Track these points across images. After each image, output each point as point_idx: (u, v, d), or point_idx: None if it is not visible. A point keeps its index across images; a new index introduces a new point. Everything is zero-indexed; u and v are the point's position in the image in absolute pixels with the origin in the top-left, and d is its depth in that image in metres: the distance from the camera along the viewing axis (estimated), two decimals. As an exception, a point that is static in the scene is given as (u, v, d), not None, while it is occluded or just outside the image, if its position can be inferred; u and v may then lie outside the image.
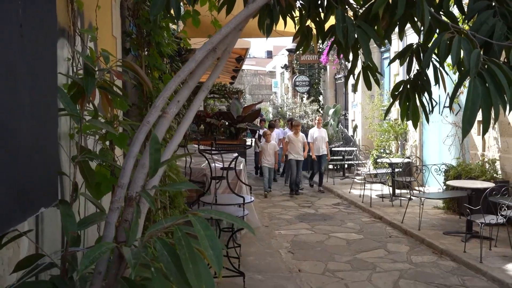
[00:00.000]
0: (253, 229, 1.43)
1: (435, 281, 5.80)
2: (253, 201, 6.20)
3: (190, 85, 1.68)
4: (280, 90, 27.80)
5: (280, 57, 27.58)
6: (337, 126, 15.40)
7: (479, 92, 1.57)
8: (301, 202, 10.68)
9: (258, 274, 5.86)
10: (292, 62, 20.74)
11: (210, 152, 6.00)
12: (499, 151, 8.37)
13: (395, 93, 3.03)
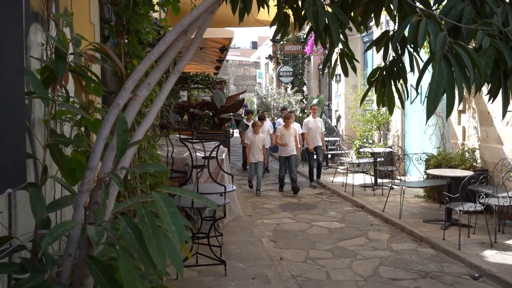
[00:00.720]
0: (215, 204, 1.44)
1: (414, 268, 5.88)
2: (234, 190, 6.22)
3: (161, 67, 1.68)
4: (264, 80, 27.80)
5: (265, 48, 27.54)
6: (321, 116, 15.44)
7: (444, 74, 1.59)
8: (284, 192, 10.72)
9: (240, 262, 5.89)
10: (276, 52, 20.71)
11: (191, 140, 5.98)
12: (478, 140, 8.49)
13: (371, 79, 3.06)
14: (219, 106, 13.28)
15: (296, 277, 5.61)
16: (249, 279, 5.34)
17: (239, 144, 23.03)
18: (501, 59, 1.70)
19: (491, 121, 8.13)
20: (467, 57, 1.58)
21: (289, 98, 16.49)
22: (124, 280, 1.11)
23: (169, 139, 7.34)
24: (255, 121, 10.85)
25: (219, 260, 5.56)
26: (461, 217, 6.54)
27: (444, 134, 9.51)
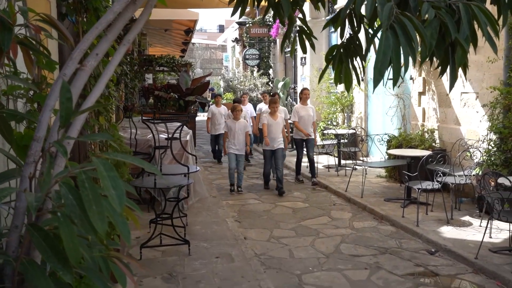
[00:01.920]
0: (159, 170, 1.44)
1: (374, 245, 6.04)
2: (198, 170, 6.21)
3: (109, 38, 1.66)
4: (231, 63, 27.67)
5: (231, 31, 27.36)
6: (286, 99, 15.52)
7: (390, 43, 1.63)
8: (250, 174, 10.77)
9: (204, 242, 5.92)
10: (243, 35, 20.61)
11: (153, 121, 5.93)
12: (437, 121, 8.70)
13: (329, 57, 3.09)
14: (184, 89, 13.15)
15: (259, 256, 5.68)
16: (213, 258, 5.39)
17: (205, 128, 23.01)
18: (447, 31, 1.75)
19: (450, 103, 8.34)
20: (412, 28, 1.62)
21: (255, 81, 16.48)
22: (66, 247, 1.11)
23: (132, 121, 7.28)
24: (235, 105, 8.93)
25: (183, 240, 5.58)
26: (420, 195, 6.72)
27: (405, 116, 9.70)
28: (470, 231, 6.22)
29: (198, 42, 37.80)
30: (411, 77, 9.41)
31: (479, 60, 7.61)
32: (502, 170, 6.32)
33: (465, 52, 1.84)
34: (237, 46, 24.27)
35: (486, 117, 7.12)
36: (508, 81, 6.91)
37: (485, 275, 5.02)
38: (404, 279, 4.99)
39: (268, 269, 5.28)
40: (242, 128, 8.67)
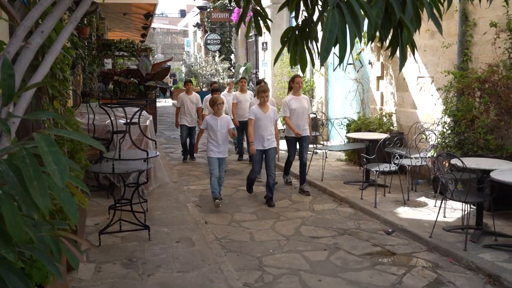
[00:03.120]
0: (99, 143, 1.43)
1: (334, 226, 6.15)
2: (158, 155, 6.16)
3: (55, 15, 1.62)
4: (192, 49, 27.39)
5: (193, 16, 27.04)
6: (248, 84, 15.50)
7: (336, 22, 1.66)
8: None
9: (164, 227, 5.90)
10: (204, 20, 20.41)
11: (110, 106, 5.83)
12: (395, 105, 8.89)
13: (284, 39, 3.10)
14: (144, 74, 12.96)
15: (220, 239, 5.71)
16: (173, 243, 5.38)
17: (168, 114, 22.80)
18: (393, 11, 1.78)
19: (407, 87, 8.53)
20: (358, 7, 1.65)
21: (216, 66, 16.38)
22: (8, 225, 1.09)
23: (90, 106, 7.13)
24: (216, 98, 6.99)
25: (143, 226, 5.54)
26: (378, 177, 6.88)
27: (364, 100, 9.86)
28: (426, 211, 6.42)
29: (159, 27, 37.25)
30: (370, 61, 9.55)
31: (434, 45, 7.79)
32: (456, 152, 6.52)
33: (410, 32, 1.89)
34: (198, 31, 24.04)
35: (440, 100, 7.32)
36: (462, 66, 7.12)
37: (439, 253, 5.20)
38: (362, 258, 5.11)
39: (228, 252, 5.31)
40: (225, 125, 6.86)
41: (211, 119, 6.87)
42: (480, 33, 6.86)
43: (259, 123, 6.99)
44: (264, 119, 7.01)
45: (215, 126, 6.80)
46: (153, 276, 4.50)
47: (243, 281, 4.55)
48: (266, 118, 7.03)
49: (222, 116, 6.95)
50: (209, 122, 6.86)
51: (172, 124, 17.27)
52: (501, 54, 6.45)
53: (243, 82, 10.22)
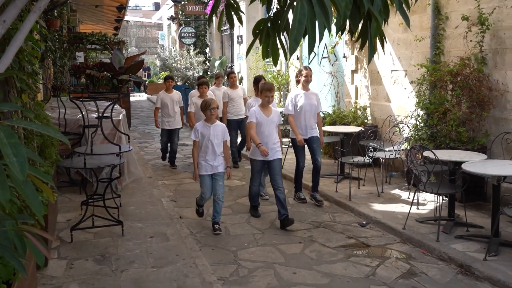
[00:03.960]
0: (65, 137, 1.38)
1: (309, 219, 6.17)
2: (131, 149, 6.07)
3: (17, 4, 1.56)
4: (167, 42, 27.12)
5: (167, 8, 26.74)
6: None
7: (305, 12, 1.64)
8: (187, 154, 10.67)
9: (138, 223, 5.83)
10: (178, 13, 20.22)
11: (81, 99, 5.71)
12: (369, 99, 8.95)
13: (256, 31, 3.07)
14: (117, 67, 12.78)
15: (195, 234, 5.67)
16: (147, 238, 5.32)
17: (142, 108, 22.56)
18: (361, 3, 1.77)
19: (381, 80, 8.59)
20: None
21: (191, 59, 16.25)
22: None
23: (61, 100, 6.98)
24: (209, 101, 5.61)
25: (116, 221, 5.46)
26: (352, 170, 6.92)
27: (338, 93, 9.91)
28: (399, 203, 6.48)
29: (133, 20, 36.78)
30: (344, 55, 9.59)
31: (408, 39, 7.86)
32: (428, 144, 6.60)
33: (379, 24, 1.88)
34: (173, 24, 23.79)
35: (413, 93, 7.39)
36: (434, 59, 7.19)
37: (412, 244, 5.26)
38: (337, 251, 5.14)
39: (203, 246, 5.28)
40: (219, 134, 5.60)
41: (203, 127, 5.58)
42: (452, 27, 6.94)
43: (261, 128, 5.82)
44: (266, 123, 5.86)
45: (207, 135, 5.53)
46: (127, 272, 4.44)
47: (218, 275, 4.53)
48: (269, 122, 5.88)
49: (217, 123, 5.65)
50: (201, 131, 5.57)
51: (147, 119, 17.14)
52: (472, 47, 6.53)
53: (234, 77, 9.16)
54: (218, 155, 5.59)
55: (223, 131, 5.67)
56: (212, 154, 5.56)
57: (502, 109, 6.32)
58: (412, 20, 7.76)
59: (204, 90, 8.46)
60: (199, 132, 5.58)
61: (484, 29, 6.26)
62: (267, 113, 5.90)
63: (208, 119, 5.61)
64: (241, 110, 8.77)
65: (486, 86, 6.35)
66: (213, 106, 5.51)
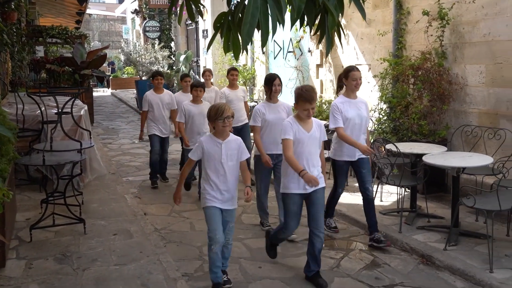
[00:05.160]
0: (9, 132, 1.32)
1: (275, 213, 6.15)
2: (92, 146, 5.95)
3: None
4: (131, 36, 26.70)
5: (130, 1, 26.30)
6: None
7: (258, 5, 1.62)
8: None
9: (101, 220, 5.71)
10: (142, 6, 19.91)
11: (39, 95, 5.55)
12: (334, 93, 9.01)
13: (217, 25, 3.04)
14: (79, 62, 12.50)
15: (160, 230, 5.60)
16: (110, 235, 5.22)
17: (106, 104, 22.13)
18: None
19: (345, 74, 8.65)
20: (282, -10, 1.61)
21: (156, 54, 16.04)
22: None
23: (19, 96, 6.78)
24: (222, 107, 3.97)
25: (78, 219, 5.34)
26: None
27: (304, 87, 9.94)
28: (363, 196, 6.55)
29: (96, 13, 36.00)
30: (309, 49, 9.63)
31: (371, 33, 7.95)
32: (391, 137, 6.70)
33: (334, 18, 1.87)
34: (137, 18, 23.43)
35: (377, 87, 7.48)
36: (397, 53, 7.30)
37: (376, 236, 5.33)
38: (302, 244, 5.16)
39: (168, 243, 5.22)
40: (235, 153, 4.00)
41: (210, 143, 3.96)
42: (414, 22, 7.05)
43: (300, 148, 4.11)
44: (307, 141, 4.14)
45: (218, 155, 3.93)
46: (88, 270, 4.35)
47: (183, 271, 4.48)
48: (311, 140, 4.18)
49: (230, 138, 4.01)
50: (207, 148, 3.95)
51: (111, 115, 16.84)
52: (433, 42, 6.65)
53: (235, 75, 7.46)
54: (232, 183, 4.00)
55: (239, 148, 4.02)
56: (224, 182, 3.95)
57: (461, 102, 6.46)
58: (375, 15, 7.85)
59: (199, 94, 6.57)
60: (205, 150, 3.95)
61: (444, 23, 6.38)
62: (307, 127, 4.17)
63: (219, 133, 3.95)
64: (242, 115, 7.25)
65: (446, 80, 6.49)
66: (227, 114, 3.87)
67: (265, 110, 5.27)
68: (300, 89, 4.22)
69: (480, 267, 4.33)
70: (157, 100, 7.44)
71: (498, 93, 5.98)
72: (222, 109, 3.91)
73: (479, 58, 6.18)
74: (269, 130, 5.23)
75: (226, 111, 3.89)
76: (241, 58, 12.57)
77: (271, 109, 5.28)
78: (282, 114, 5.22)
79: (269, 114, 5.24)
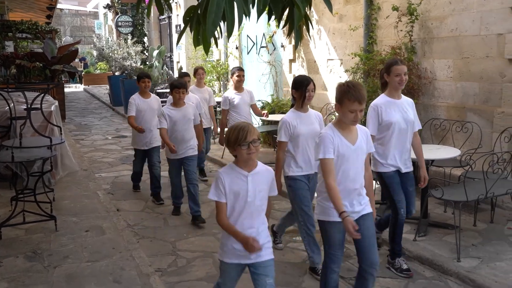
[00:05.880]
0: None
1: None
2: (63, 142, 5.87)
3: None
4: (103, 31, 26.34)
5: (103, -4, 25.91)
6: (162, 67, 15.19)
7: (224, -5, 1.63)
8: (125, 145, 10.45)
9: (73, 217, 5.66)
10: (114, 1, 19.65)
11: (7, 90, 5.46)
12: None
13: (186, 18, 3.03)
14: (50, 57, 12.28)
15: (133, 226, 5.58)
16: (82, 232, 5.18)
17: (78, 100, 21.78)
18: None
19: (317, 69, 8.74)
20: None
21: (128, 49, 15.87)
22: None
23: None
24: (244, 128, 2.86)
25: (49, 216, 5.27)
26: (290, 158, 6.99)
27: (277, 82, 10.00)
28: (336, 189, 6.63)
29: (67, 8, 35.36)
30: (282, 44, 9.67)
31: (343, 28, 8.03)
32: (362, 131, 6.78)
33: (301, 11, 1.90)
34: (109, 12, 23.11)
35: (348, 82, 7.56)
36: (368, 48, 7.39)
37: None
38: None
39: (141, 239, 5.20)
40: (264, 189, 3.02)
41: (234, 177, 2.93)
42: (384, 17, 7.14)
43: (344, 166, 3.21)
44: (353, 156, 3.22)
45: (243, 191, 2.92)
46: (60, 268, 4.31)
47: (156, 266, 4.48)
48: (357, 153, 3.24)
49: (259, 168, 3.00)
50: (229, 186, 2.91)
51: (83, 111, 16.63)
52: (403, 37, 6.75)
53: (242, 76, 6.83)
54: (259, 226, 2.99)
55: (269, 181, 3.01)
56: (249, 222, 2.95)
57: (430, 96, 6.59)
58: (346, 10, 7.93)
59: (182, 96, 5.62)
60: (226, 188, 2.89)
61: (413, 19, 6.48)
62: (351, 137, 3.24)
63: (243, 162, 2.93)
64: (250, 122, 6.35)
65: (416, 74, 6.60)
66: (252, 137, 2.84)
67: (296, 122, 4.17)
68: (345, 85, 3.19)
69: (448, 257, 4.44)
70: (146, 106, 6.42)
71: (465, 87, 6.12)
72: (245, 131, 2.83)
73: (447, 53, 6.31)
74: (302, 147, 4.21)
75: (251, 134, 2.83)
76: (215, 53, 12.55)
77: (302, 120, 4.21)
78: (315, 126, 4.23)
79: (301, 126, 4.16)
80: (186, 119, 5.62)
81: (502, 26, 5.59)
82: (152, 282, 4.06)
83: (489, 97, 5.85)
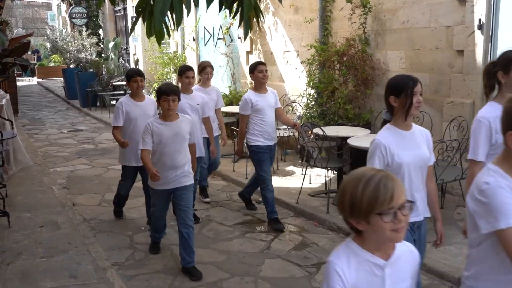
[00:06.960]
0: None
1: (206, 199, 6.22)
2: (15, 136, 5.73)
3: None
4: (57, 23, 25.60)
5: (55, -13, 25.17)
6: (118, 60, 14.93)
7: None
8: (81, 139, 10.26)
9: (27, 212, 5.54)
10: (67, -8, 19.14)
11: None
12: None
13: (138, 9, 3.01)
14: (0, 50, 11.88)
15: (89, 221, 5.51)
16: (37, 228, 5.08)
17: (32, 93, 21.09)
18: (233, -21, 1.81)
19: (274, 61, 8.80)
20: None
21: (83, 41, 15.51)
22: None
23: None
24: None
25: (1, 212, 5.15)
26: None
27: (234, 74, 10.01)
28: (294, 179, 6.74)
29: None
30: (239, 36, 9.68)
31: (299, 20, 8.10)
32: (319, 122, 6.90)
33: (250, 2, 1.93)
34: (63, 4, 22.47)
35: (305, 73, 7.66)
36: (323, 40, 7.50)
37: (305, 217, 5.52)
38: (233, 228, 5.25)
39: (98, 233, 5.15)
40: None
41: (354, 265, 1.74)
42: (338, 9, 7.25)
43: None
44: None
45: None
46: (13, 264, 4.22)
47: (113, 260, 4.45)
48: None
49: (400, 251, 1.74)
50: (351, 282, 1.70)
51: (37, 104, 16.18)
52: (356, 29, 6.88)
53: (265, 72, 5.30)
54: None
55: (413, 268, 1.81)
56: None
57: (383, 87, 6.72)
58: (301, 2, 8.01)
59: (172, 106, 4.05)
60: None
61: (366, 11, 6.62)
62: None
63: (378, 242, 1.72)
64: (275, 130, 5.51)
65: (370, 66, 6.75)
66: (401, 199, 1.61)
67: (396, 147, 2.77)
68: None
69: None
70: (138, 111, 5.00)
71: (416, 78, 6.30)
72: (388, 187, 1.60)
73: (399, 44, 6.48)
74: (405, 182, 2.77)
75: (399, 191, 1.61)
76: (172, 45, 12.44)
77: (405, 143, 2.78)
78: (423, 150, 2.85)
79: (403, 152, 2.73)
80: (180, 138, 4.12)
81: (451, 18, 5.78)
82: (109, 276, 4.04)
83: (438, 87, 6.05)
